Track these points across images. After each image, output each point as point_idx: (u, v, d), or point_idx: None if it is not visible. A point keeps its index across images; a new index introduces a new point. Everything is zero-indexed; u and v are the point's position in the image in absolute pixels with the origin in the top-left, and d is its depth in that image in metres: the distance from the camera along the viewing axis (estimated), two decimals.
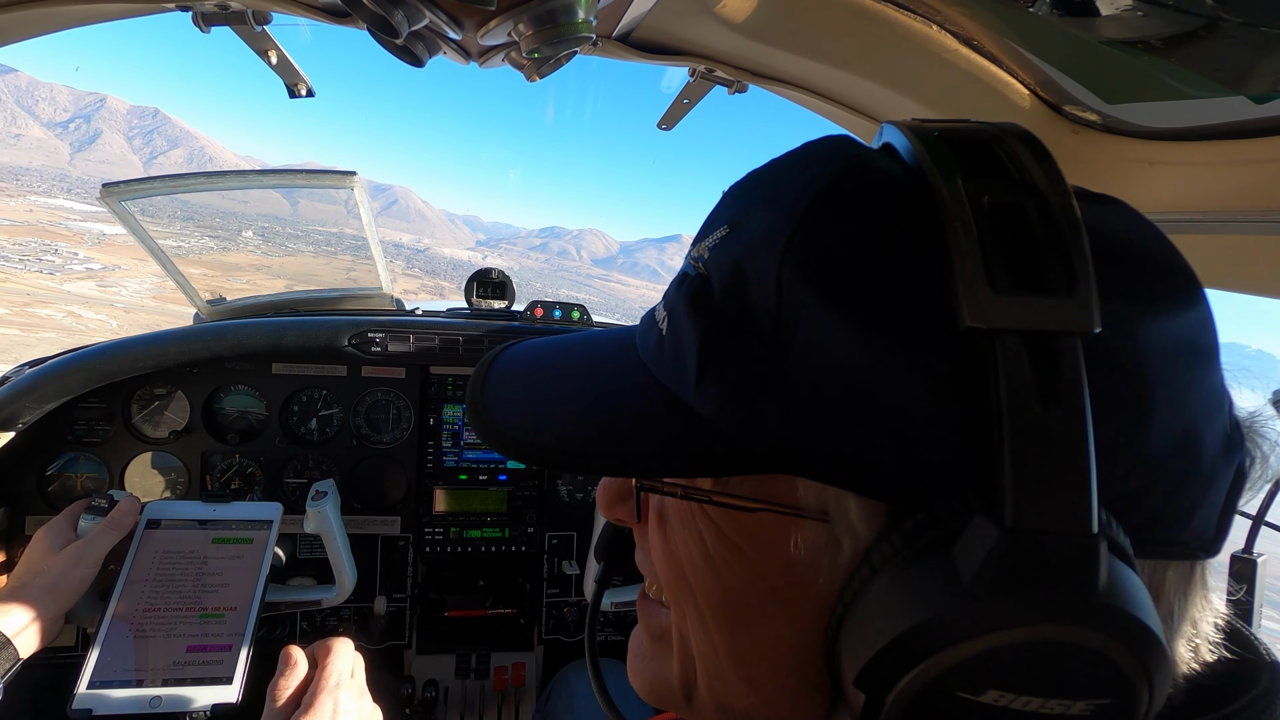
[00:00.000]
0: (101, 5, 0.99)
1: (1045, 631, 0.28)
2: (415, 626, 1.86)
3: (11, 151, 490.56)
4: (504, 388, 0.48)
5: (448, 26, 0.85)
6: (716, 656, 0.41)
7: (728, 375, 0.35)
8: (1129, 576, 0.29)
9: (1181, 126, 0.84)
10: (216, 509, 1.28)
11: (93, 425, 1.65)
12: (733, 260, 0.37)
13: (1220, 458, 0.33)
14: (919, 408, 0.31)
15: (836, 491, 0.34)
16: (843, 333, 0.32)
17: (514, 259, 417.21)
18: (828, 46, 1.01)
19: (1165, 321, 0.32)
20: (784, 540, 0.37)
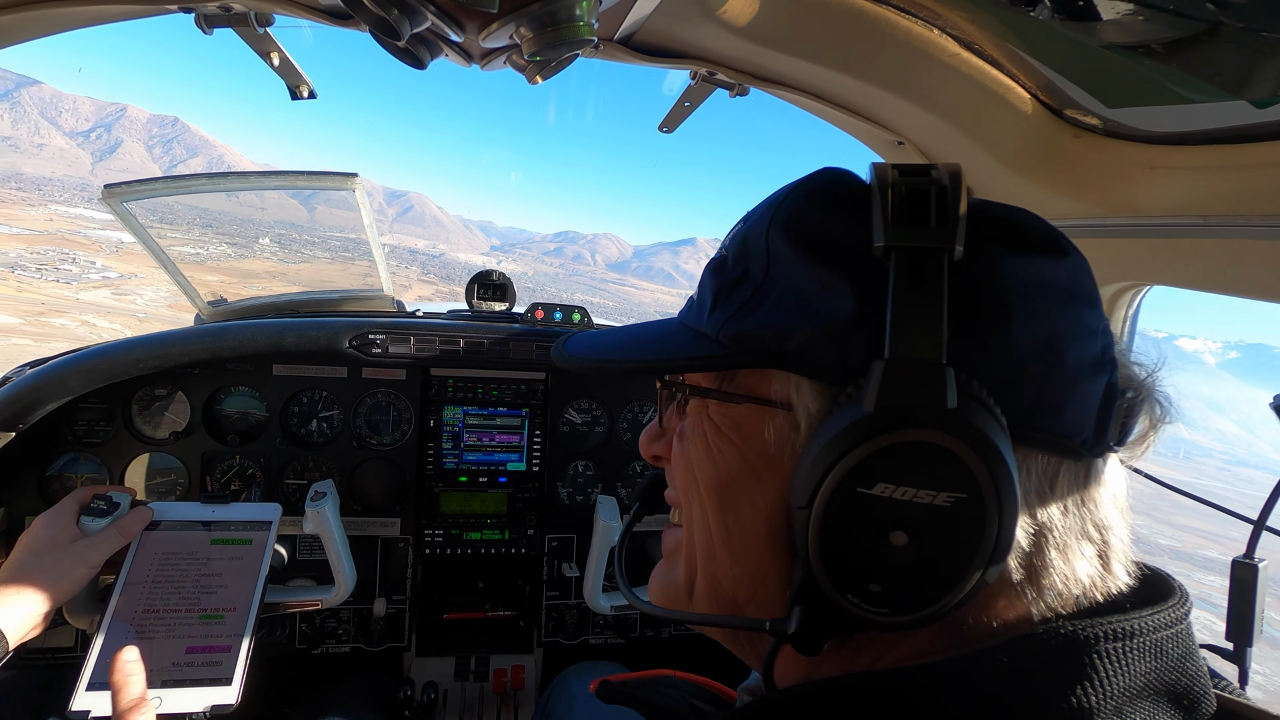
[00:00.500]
0: (104, 7, 0.99)
1: (911, 434, 0.41)
2: (414, 629, 1.86)
3: (35, 161, 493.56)
4: (576, 344, 0.65)
5: (449, 29, 0.85)
6: (710, 536, 0.55)
7: (729, 308, 0.51)
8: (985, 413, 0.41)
9: (1182, 131, 0.84)
10: (216, 510, 1.28)
11: (93, 426, 1.65)
12: (741, 238, 0.54)
13: (1086, 370, 0.45)
14: (847, 313, 0.45)
15: (796, 381, 0.48)
16: (804, 268, 0.48)
17: (528, 264, 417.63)
18: (828, 50, 1.01)
19: (1026, 262, 0.46)
20: (760, 429, 0.51)
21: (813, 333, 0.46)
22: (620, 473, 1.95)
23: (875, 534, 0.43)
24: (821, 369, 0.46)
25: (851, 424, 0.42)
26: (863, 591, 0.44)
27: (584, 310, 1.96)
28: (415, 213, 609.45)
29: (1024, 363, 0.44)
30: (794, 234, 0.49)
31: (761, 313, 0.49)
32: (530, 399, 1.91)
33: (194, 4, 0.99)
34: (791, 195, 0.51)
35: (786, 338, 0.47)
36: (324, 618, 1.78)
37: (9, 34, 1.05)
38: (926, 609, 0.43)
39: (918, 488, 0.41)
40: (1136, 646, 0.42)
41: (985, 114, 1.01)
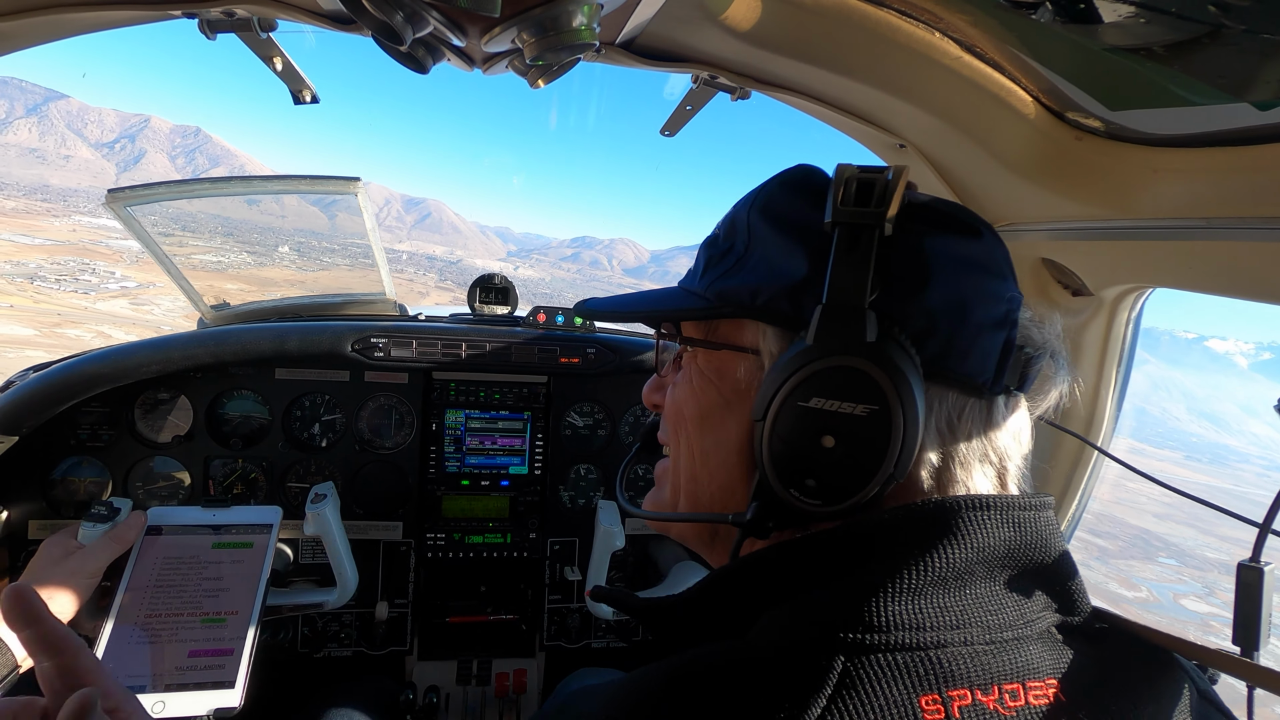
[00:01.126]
0: (108, 12, 1.00)
1: (838, 360, 0.53)
2: (416, 632, 1.86)
3: (62, 173, 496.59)
4: (595, 302, 0.81)
5: (451, 33, 0.85)
6: (693, 460, 0.68)
7: (716, 272, 0.65)
8: (899, 349, 0.53)
9: (1184, 133, 0.84)
10: (217, 514, 1.28)
11: (96, 430, 1.65)
12: (729, 218, 0.67)
13: (989, 326, 0.56)
14: (803, 274, 0.58)
15: (763, 329, 0.61)
16: (774, 239, 0.61)
17: (545, 269, 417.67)
18: (829, 54, 1.01)
19: (945, 240, 0.57)
20: (735, 370, 0.64)
21: (778, 290, 0.59)
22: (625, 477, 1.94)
23: (810, 437, 0.55)
24: (783, 318, 0.59)
25: (796, 353, 0.55)
26: (802, 486, 0.56)
27: None
28: (433, 219, 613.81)
29: (937, 316, 0.55)
30: (769, 214, 0.62)
31: (741, 275, 0.62)
32: (532, 402, 1.91)
33: (197, 9, 0.99)
34: (770, 184, 0.65)
35: (758, 294, 0.60)
36: (326, 621, 1.78)
37: (12, 40, 1.06)
38: (849, 500, 0.55)
39: (841, 400, 0.53)
40: (994, 517, 0.53)
41: (987, 116, 1.01)
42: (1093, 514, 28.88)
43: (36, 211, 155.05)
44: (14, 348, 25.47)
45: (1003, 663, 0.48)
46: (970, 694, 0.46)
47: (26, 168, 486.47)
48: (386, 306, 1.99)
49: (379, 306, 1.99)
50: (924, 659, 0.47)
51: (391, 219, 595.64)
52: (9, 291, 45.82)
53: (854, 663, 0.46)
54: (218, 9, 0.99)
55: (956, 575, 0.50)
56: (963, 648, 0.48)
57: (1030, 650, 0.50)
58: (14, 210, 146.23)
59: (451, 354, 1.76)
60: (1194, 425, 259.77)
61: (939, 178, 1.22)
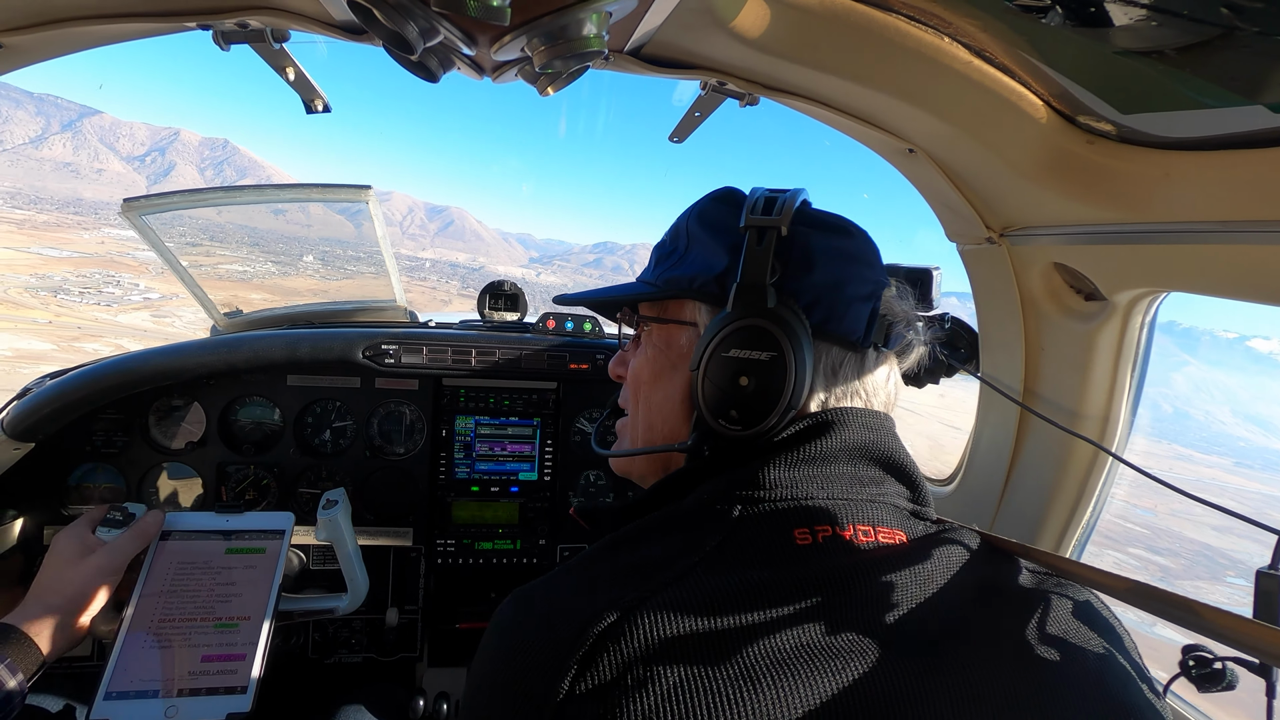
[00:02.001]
0: (123, 25, 1.01)
1: (749, 321, 0.71)
2: (426, 639, 1.86)
3: (94, 186, 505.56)
4: (569, 295, 0.99)
5: (461, 42, 0.86)
6: (649, 412, 0.85)
7: (663, 266, 0.84)
8: (791, 314, 0.72)
9: (1198, 136, 0.83)
10: (230, 519, 1.29)
11: (111, 436, 1.67)
12: (675, 227, 0.86)
13: (859, 300, 0.75)
14: (725, 265, 0.77)
15: (698, 306, 0.80)
16: (705, 239, 0.80)
17: (567, 275, 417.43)
18: (838, 59, 1.01)
19: (826, 237, 0.76)
20: (679, 339, 0.82)
21: (708, 277, 0.78)
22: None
23: (731, 378, 0.72)
24: (711, 297, 0.78)
25: (720, 319, 0.74)
26: (727, 416, 0.73)
27: (595, 320, 1.97)
28: (456, 227, 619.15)
29: (820, 291, 0.73)
30: (702, 221, 0.82)
31: (682, 267, 0.81)
32: (542, 409, 1.91)
33: (211, 21, 1.01)
34: (704, 200, 0.84)
35: (694, 280, 0.79)
36: (336, 627, 1.78)
37: (27, 53, 1.08)
38: (761, 424, 0.71)
39: (751, 350, 0.71)
40: (852, 420, 0.72)
41: (997, 121, 1.01)
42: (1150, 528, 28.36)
43: (68, 224, 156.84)
44: (29, 362, 25.31)
45: (858, 513, 0.66)
46: (831, 529, 0.64)
47: (61, 182, 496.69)
48: (397, 314, 2.00)
49: (390, 314, 2.00)
50: (796, 507, 0.65)
51: (415, 227, 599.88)
52: (32, 306, 46.05)
53: (747, 509, 0.66)
54: (231, 20, 1.00)
55: (823, 458, 0.69)
56: (826, 500, 0.66)
57: (883, 512, 0.68)
58: (46, 224, 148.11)
59: (462, 360, 1.77)
60: (1241, 429, 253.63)
61: (948, 182, 1.22)
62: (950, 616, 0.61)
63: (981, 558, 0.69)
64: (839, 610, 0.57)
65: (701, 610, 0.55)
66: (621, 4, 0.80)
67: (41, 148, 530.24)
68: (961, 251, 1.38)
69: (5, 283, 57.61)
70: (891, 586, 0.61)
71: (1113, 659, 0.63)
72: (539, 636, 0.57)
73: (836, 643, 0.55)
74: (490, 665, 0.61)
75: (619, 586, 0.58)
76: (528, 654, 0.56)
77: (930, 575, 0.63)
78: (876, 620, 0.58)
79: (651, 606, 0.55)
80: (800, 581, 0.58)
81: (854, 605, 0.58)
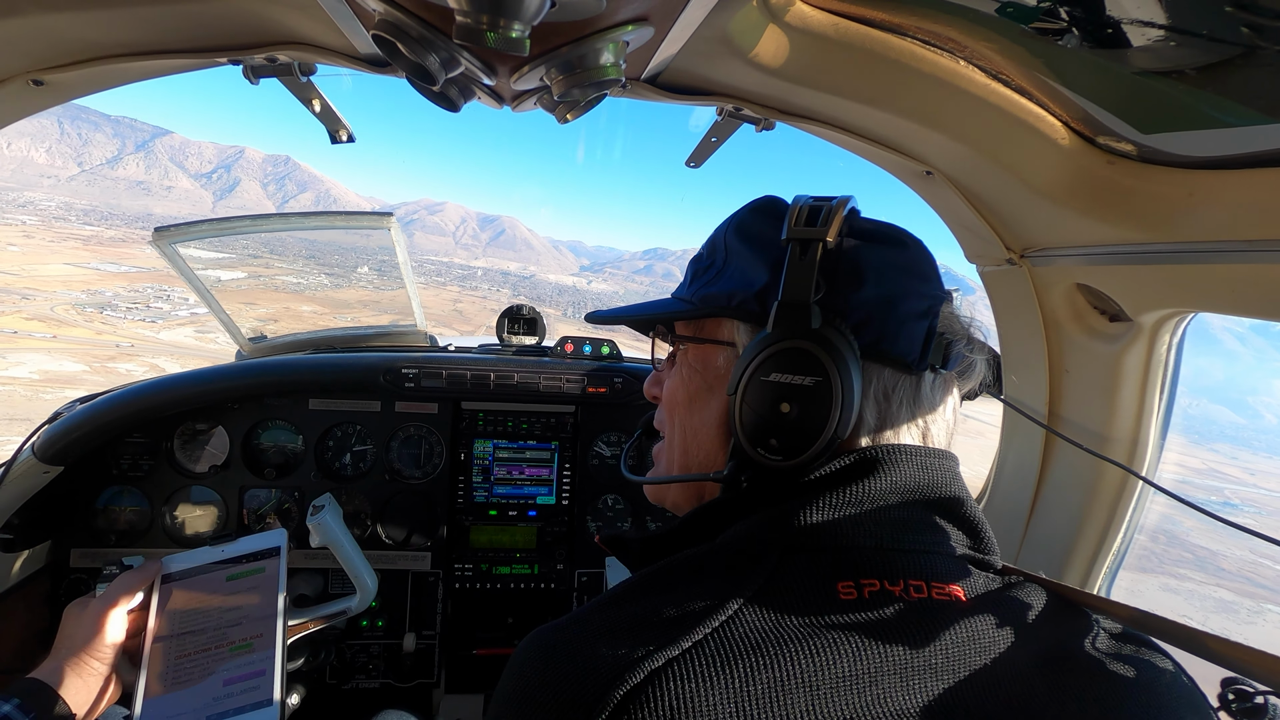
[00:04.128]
0: (158, 61, 1.05)
1: (791, 343, 0.66)
2: (444, 665, 1.85)
3: (164, 203, 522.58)
4: (602, 313, 0.92)
5: (482, 73, 0.88)
6: (685, 436, 0.80)
7: (700, 281, 0.79)
8: (839, 335, 0.66)
9: (1221, 155, 0.82)
10: (225, 549, 1.30)
11: (137, 460, 1.69)
12: (711, 240, 0.82)
13: (914, 317, 0.69)
14: (765, 281, 0.71)
15: (737, 325, 0.74)
16: (745, 253, 0.75)
17: (618, 283, 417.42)
18: (853, 84, 1.02)
19: (878, 250, 0.70)
20: (716, 360, 0.77)
21: (747, 294, 0.72)
22: (652, 506, 1.93)
23: (771, 404, 0.67)
24: (751, 315, 0.72)
25: (759, 340, 0.68)
26: (766, 445, 0.67)
27: (612, 344, 1.97)
28: (507, 236, 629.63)
29: (871, 309, 0.68)
30: (740, 234, 0.76)
31: (720, 283, 0.76)
32: (560, 432, 1.91)
33: (242, 56, 1.04)
34: (742, 211, 0.79)
35: (733, 297, 0.74)
36: (354, 652, 1.78)
37: (68, 90, 1.12)
38: (803, 454, 0.66)
39: (794, 374, 0.65)
40: (905, 460, 0.66)
41: (1016, 143, 1.00)
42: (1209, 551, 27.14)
43: (133, 239, 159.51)
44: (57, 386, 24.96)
45: (910, 565, 0.60)
46: (880, 583, 0.58)
47: (134, 199, 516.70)
48: (418, 338, 2.02)
49: (410, 338, 2.02)
50: (840, 557, 0.60)
51: (467, 237, 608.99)
52: (75, 323, 46.51)
53: (785, 557, 0.61)
54: (260, 55, 1.04)
55: (872, 500, 0.63)
56: (874, 549, 0.60)
57: (938, 564, 0.61)
58: (112, 239, 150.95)
59: (480, 384, 1.78)
60: None
61: (967, 204, 1.21)
62: (1012, 689, 0.54)
63: (1049, 616, 0.62)
64: (885, 679, 0.52)
65: (732, 673, 0.51)
66: (638, 33, 0.81)
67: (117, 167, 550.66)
68: (982, 273, 1.37)
69: (55, 300, 58.36)
70: (945, 653, 0.54)
71: None
72: (559, 695, 0.53)
73: (881, 717, 0.50)
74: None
75: (644, 637, 0.54)
76: (546, 714, 0.53)
77: (990, 640, 0.57)
78: (928, 692, 0.52)
79: (677, 666, 0.51)
80: (842, 644, 0.53)
81: (902, 673, 0.53)
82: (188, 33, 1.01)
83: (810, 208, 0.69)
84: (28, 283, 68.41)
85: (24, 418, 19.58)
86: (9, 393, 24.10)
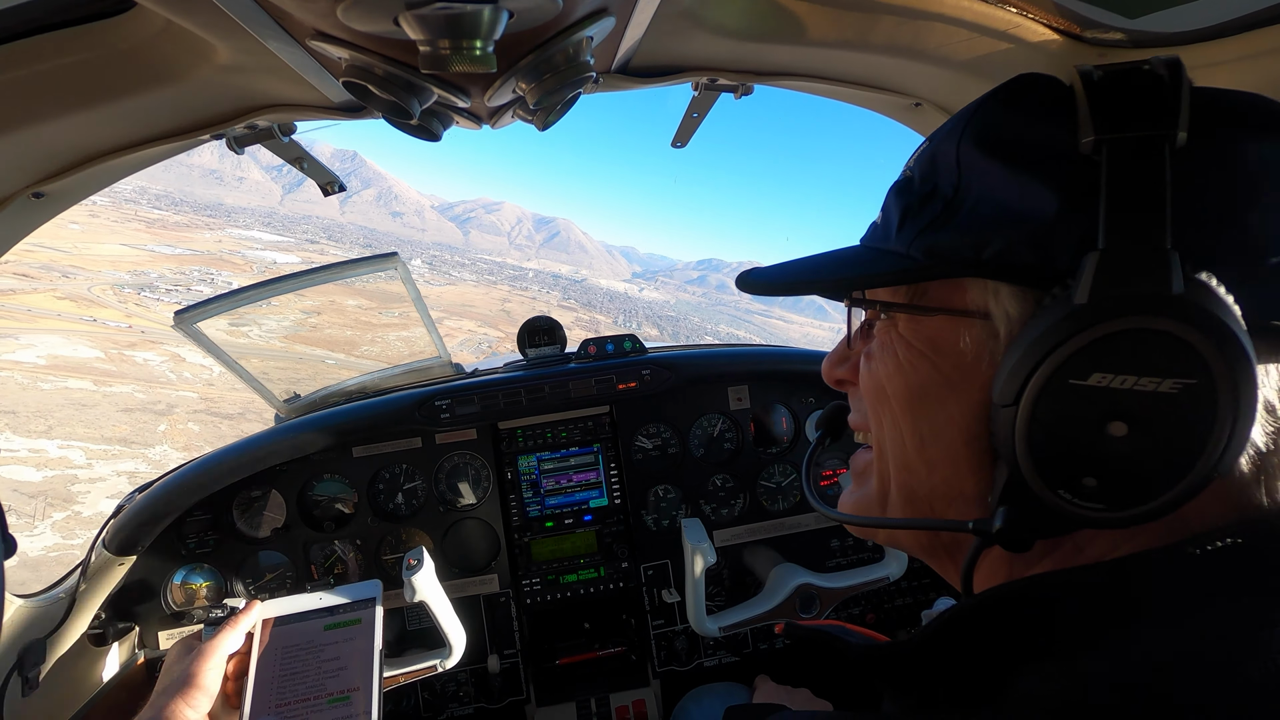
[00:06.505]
0: (147, 150, 1.07)
1: (1131, 322, 0.40)
2: (531, 680, 1.87)
3: (235, 193, 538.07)
4: (759, 273, 0.64)
5: (456, 97, 0.88)
6: (904, 448, 0.55)
7: (919, 223, 0.51)
8: (1218, 300, 0.39)
9: (1216, 23, 0.79)
10: (322, 597, 1.33)
11: (203, 536, 1.75)
12: (929, 156, 0.53)
13: None
14: (1051, 214, 0.44)
15: (994, 288, 0.48)
16: (1001, 175, 0.47)
17: (670, 292, 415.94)
18: (824, 30, 1.00)
19: (1266, 146, 0.42)
20: (955, 340, 0.51)
21: (1014, 237, 0.46)
22: (703, 489, 1.93)
23: (1091, 425, 0.42)
24: (1023, 272, 0.46)
25: (1064, 317, 0.41)
26: (1076, 486, 0.43)
27: (634, 338, 1.97)
28: (561, 239, 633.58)
29: (1262, 250, 0.42)
30: (989, 143, 0.48)
31: (955, 224, 0.49)
32: (599, 434, 1.92)
33: (223, 129, 1.06)
34: (984, 107, 0.50)
35: (984, 245, 0.47)
36: (443, 683, 1.81)
37: (70, 195, 1.15)
38: (1150, 502, 0.42)
39: (1139, 375, 0.40)
40: None
41: (1001, 57, 0.98)
42: None
43: (196, 225, 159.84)
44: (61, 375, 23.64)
45: None
46: None
47: (206, 188, 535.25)
48: (444, 369, 2.05)
49: (436, 371, 2.05)
50: None
51: (521, 238, 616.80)
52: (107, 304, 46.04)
53: None
54: (240, 125, 1.06)
55: None
56: None
57: None
58: (176, 224, 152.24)
59: (513, 402, 1.79)
60: None
61: None
62: None
63: None
64: None
65: None
66: (601, 26, 0.81)
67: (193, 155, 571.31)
68: None
69: (95, 279, 58.28)
70: None
71: None
72: None
73: None
74: None
75: None
76: None
77: None
78: None
79: None
80: None
81: None
82: (168, 117, 1.03)
83: (1121, 80, 0.43)
84: (75, 260, 68.77)
85: (9, 410, 19.09)
86: (5, 379, 22.63)
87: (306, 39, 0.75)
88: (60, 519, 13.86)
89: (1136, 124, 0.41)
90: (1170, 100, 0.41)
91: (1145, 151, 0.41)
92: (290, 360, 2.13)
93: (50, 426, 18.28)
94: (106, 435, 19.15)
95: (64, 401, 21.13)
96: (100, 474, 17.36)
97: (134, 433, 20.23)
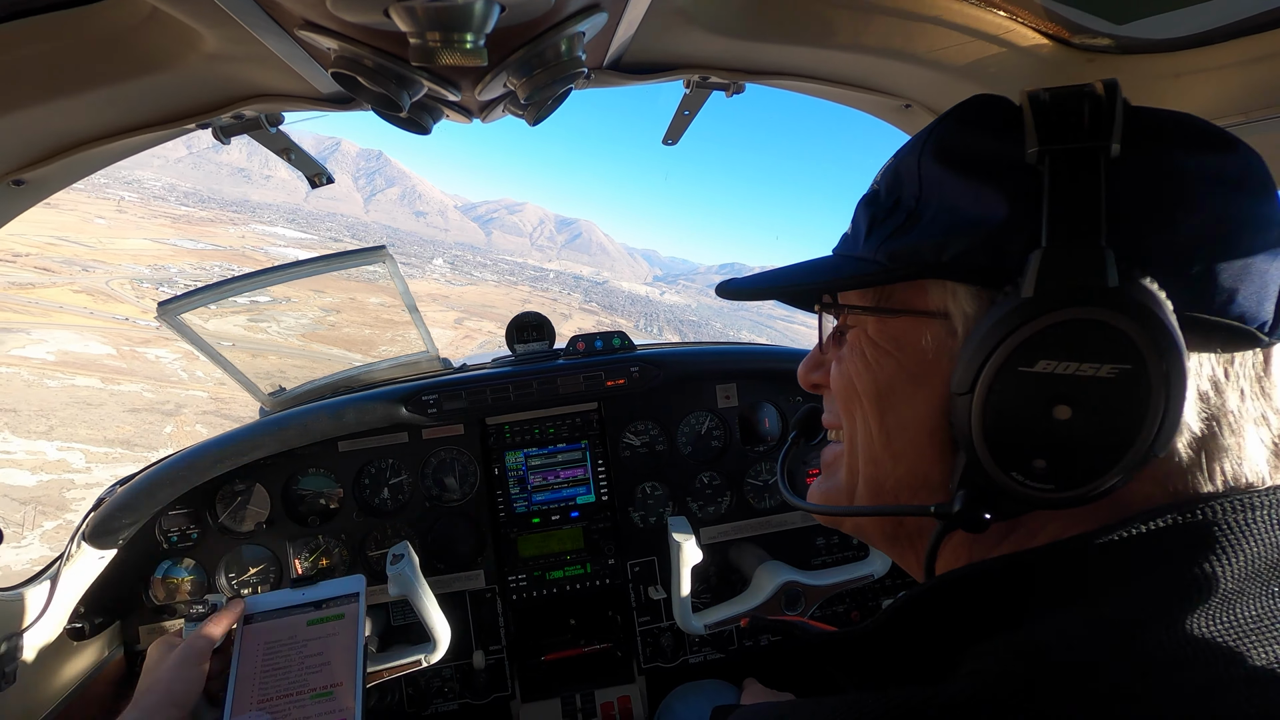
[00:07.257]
0: (129, 139, 1.06)
1: (1072, 313, 0.44)
2: (516, 675, 1.87)
3: (262, 190, 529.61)
4: (737, 282, 0.69)
5: (446, 91, 0.87)
6: (872, 441, 0.58)
7: (884, 231, 0.56)
8: (1148, 292, 0.43)
9: (1202, 31, 0.80)
10: (305, 592, 1.32)
11: (185, 531, 1.73)
12: (892, 171, 0.58)
13: (1259, 258, 0.46)
14: (1001, 219, 0.48)
15: (952, 289, 0.52)
16: (957, 185, 0.51)
17: (692, 296, 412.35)
18: (815, 30, 1.01)
19: (1188, 157, 0.47)
20: (918, 339, 0.55)
21: (969, 241, 0.50)
22: (690, 486, 1.94)
23: (1038, 409, 0.46)
24: (979, 273, 0.50)
25: (1012, 310, 0.45)
26: (1026, 468, 0.47)
27: (623, 335, 1.97)
28: (583, 240, 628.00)
29: (1192, 250, 0.46)
30: (947, 157, 0.53)
31: (917, 231, 0.53)
32: (587, 430, 1.92)
33: (209, 119, 1.05)
34: (943, 124, 0.55)
35: (943, 249, 0.51)
36: (428, 678, 1.81)
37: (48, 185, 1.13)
38: (1093, 482, 0.46)
39: (1080, 361, 0.44)
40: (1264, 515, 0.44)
41: (990, 59, 0.98)
42: None
43: (221, 221, 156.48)
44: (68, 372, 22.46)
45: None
46: None
47: (234, 185, 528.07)
48: (431, 364, 2.04)
49: (424, 365, 2.04)
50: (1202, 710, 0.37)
51: (543, 239, 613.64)
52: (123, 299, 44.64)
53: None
54: (227, 114, 1.04)
55: (1226, 599, 0.41)
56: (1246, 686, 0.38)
57: None
58: (201, 219, 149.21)
59: (501, 398, 1.79)
60: None
61: None
62: None
63: None
64: None
65: None
66: (593, 21, 0.80)
67: (222, 153, 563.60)
68: None
69: (114, 273, 56.72)
70: None
71: None
72: None
73: None
74: None
75: None
76: None
77: None
78: None
79: None
80: None
81: None
82: (152, 105, 1.01)
83: (1063, 99, 0.47)
84: (97, 255, 67.00)
85: (10, 408, 18.29)
86: (10, 375, 21.52)
87: (295, 29, 0.74)
88: (51, 528, 13.46)
89: (1074, 136, 0.46)
90: (1106, 116, 0.45)
91: (1082, 161, 0.45)
92: (278, 354, 2.11)
93: (52, 426, 17.77)
94: (109, 437, 18.64)
95: (69, 400, 20.35)
96: (98, 479, 16.89)
97: (138, 434, 19.72)
